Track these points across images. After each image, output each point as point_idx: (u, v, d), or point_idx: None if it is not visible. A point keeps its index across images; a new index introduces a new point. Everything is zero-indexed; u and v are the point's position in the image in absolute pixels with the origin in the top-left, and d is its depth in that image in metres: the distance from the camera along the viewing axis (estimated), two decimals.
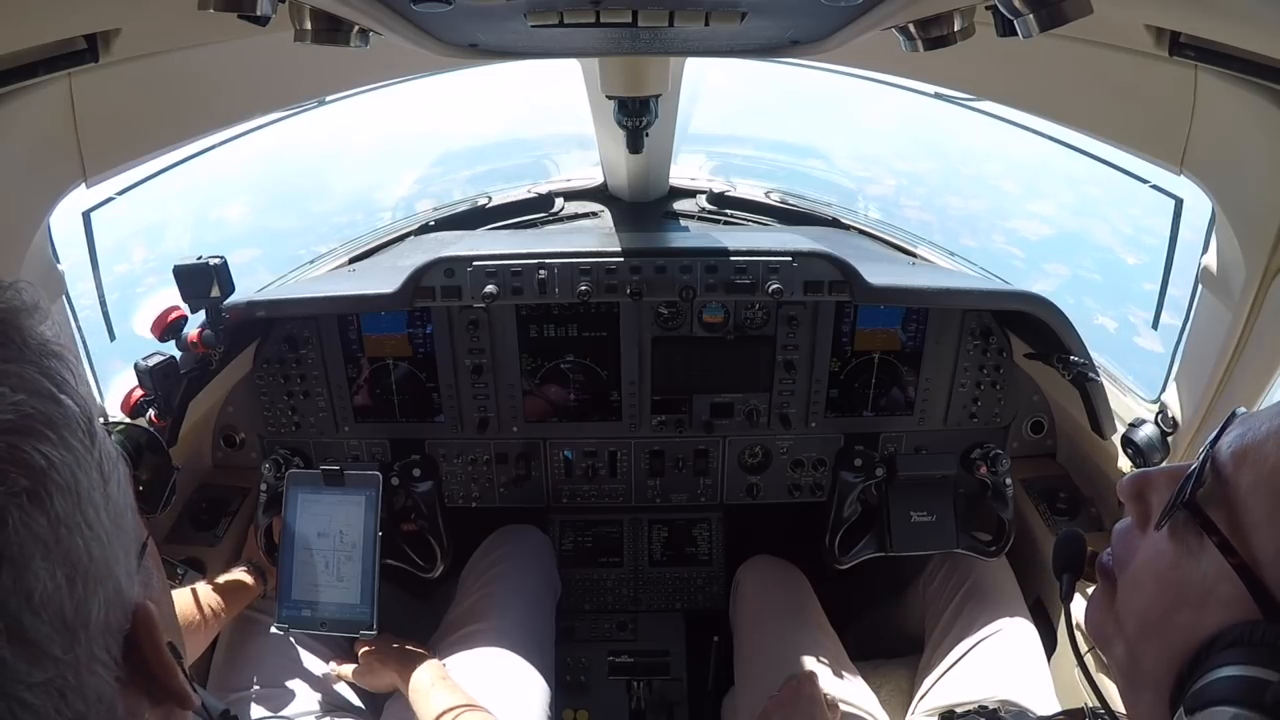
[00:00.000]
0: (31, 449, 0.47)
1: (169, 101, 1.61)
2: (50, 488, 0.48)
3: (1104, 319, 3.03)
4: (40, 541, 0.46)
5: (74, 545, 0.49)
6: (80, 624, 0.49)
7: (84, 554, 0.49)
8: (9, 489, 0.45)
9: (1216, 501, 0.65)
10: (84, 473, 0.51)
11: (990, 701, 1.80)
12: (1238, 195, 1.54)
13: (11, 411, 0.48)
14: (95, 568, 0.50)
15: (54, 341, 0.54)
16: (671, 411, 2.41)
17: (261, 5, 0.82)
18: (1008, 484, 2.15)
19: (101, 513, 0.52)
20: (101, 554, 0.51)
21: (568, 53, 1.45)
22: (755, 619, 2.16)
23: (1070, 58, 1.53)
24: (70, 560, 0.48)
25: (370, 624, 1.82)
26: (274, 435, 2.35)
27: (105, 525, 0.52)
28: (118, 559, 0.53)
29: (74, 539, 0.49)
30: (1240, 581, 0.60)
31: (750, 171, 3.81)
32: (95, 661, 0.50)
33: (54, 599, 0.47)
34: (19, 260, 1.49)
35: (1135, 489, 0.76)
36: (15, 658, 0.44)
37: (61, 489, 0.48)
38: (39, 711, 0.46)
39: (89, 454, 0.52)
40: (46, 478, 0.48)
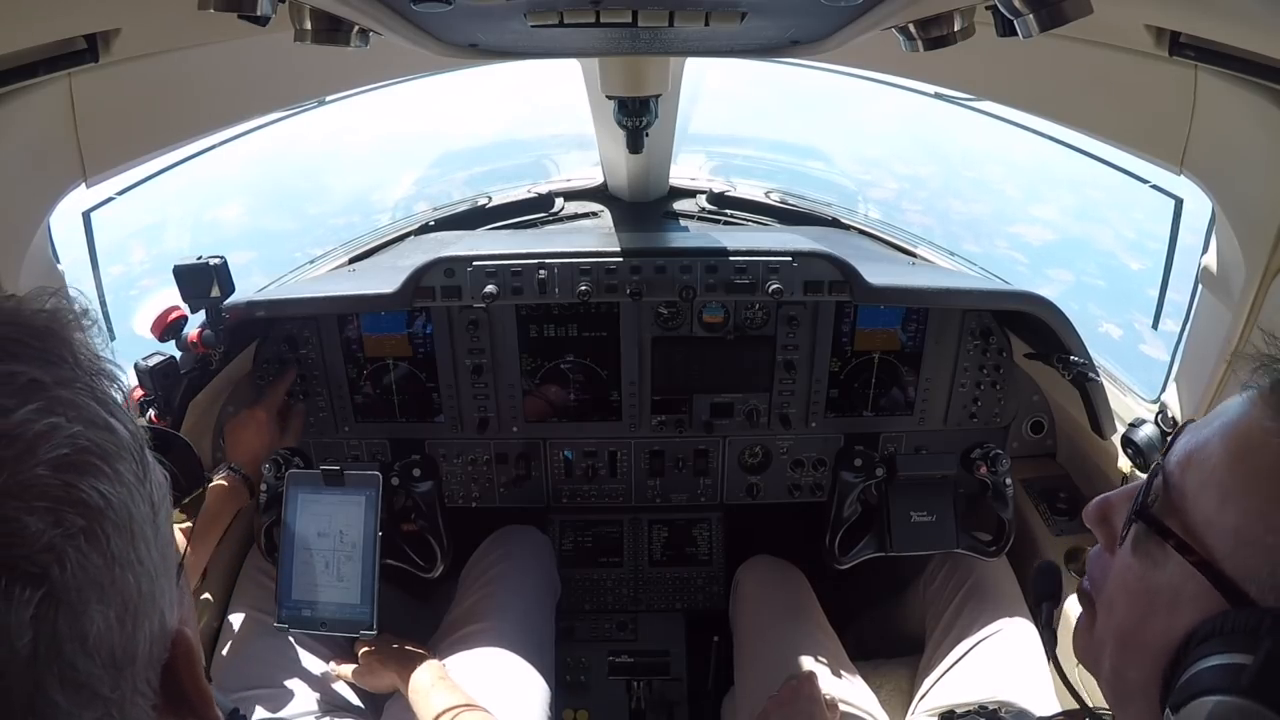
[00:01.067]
0: (89, 488, 0.46)
1: (169, 101, 1.61)
2: (107, 527, 0.47)
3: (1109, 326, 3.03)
4: (96, 584, 0.45)
5: (126, 583, 0.48)
6: (127, 661, 0.48)
7: (135, 591, 0.49)
8: (65, 530, 0.44)
9: (1170, 509, 0.67)
10: (136, 507, 0.50)
11: (990, 702, 1.80)
12: (1238, 195, 1.54)
13: (68, 445, 0.46)
14: (143, 603, 0.49)
15: (103, 356, 0.52)
16: (671, 411, 2.41)
17: (261, 5, 0.82)
18: (1008, 484, 2.14)
19: (152, 547, 0.51)
20: (149, 588, 0.50)
21: (568, 53, 1.45)
22: (755, 619, 2.16)
23: (1070, 58, 1.53)
24: (123, 598, 0.47)
25: (370, 624, 1.81)
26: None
27: (154, 559, 0.51)
28: (163, 591, 0.52)
29: (126, 576, 0.48)
30: (1203, 577, 0.62)
31: (750, 171, 3.81)
32: (137, 694, 0.49)
33: (106, 639, 0.46)
34: (19, 260, 1.49)
35: (1100, 514, 0.79)
36: (69, 701, 0.43)
37: (117, 527, 0.47)
38: None
39: (141, 486, 0.51)
40: (103, 516, 0.46)
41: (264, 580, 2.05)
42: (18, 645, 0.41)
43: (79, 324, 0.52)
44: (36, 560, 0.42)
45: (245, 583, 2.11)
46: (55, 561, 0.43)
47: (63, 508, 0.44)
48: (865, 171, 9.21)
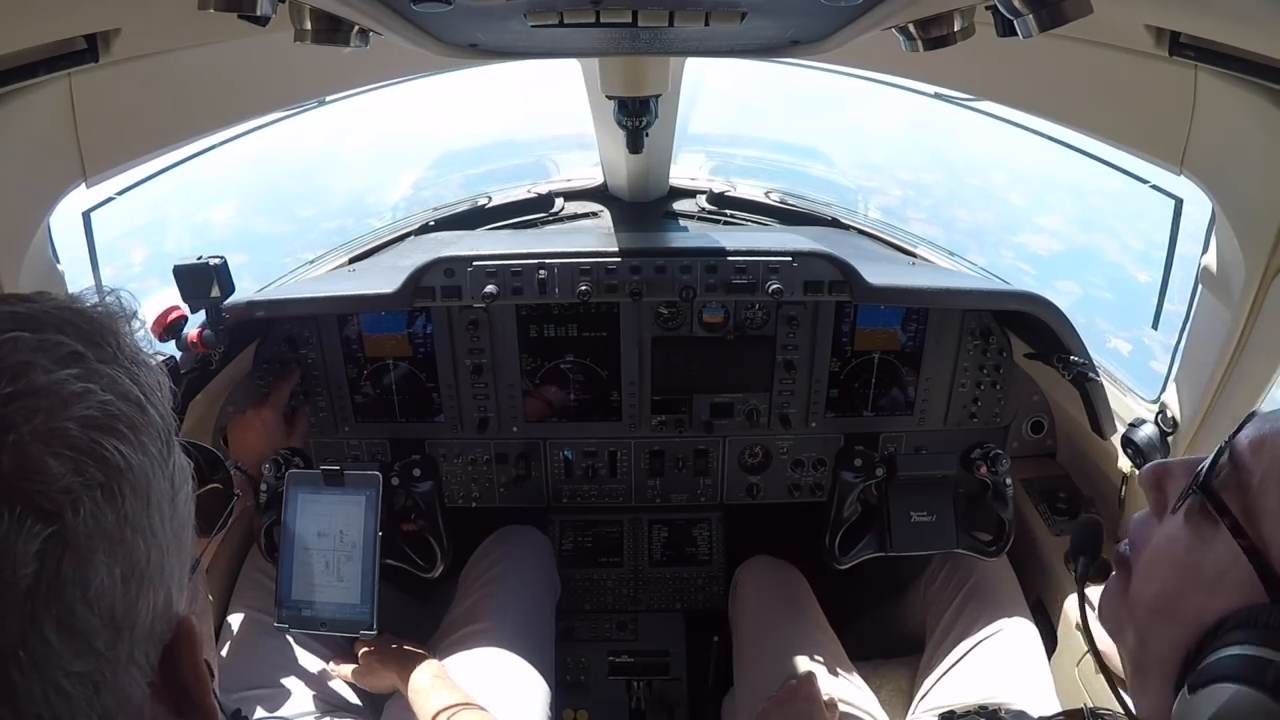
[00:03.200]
0: (112, 447, 0.49)
1: (169, 101, 1.61)
2: (124, 486, 0.49)
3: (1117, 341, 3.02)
4: (106, 536, 0.48)
5: (136, 547, 0.50)
6: (127, 624, 0.49)
7: (143, 557, 0.51)
8: (85, 480, 0.47)
9: (1231, 488, 0.66)
10: (156, 480, 0.52)
11: (990, 702, 1.80)
12: (1238, 195, 1.54)
13: (98, 409, 0.49)
14: (151, 573, 0.51)
15: (145, 352, 0.57)
16: (671, 411, 2.41)
17: (261, 5, 0.82)
18: (1008, 484, 2.14)
19: (167, 521, 0.53)
20: (159, 561, 0.52)
21: (568, 53, 1.44)
22: (754, 619, 2.16)
23: (1070, 58, 1.53)
24: (130, 560, 0.49)
25: (370, 624, 1.81)
26: None
27: (167, 534, 0.53)
28: (172, 570, 0.54)
29: (137, 540, 0.50)
30: (1250, 566, 0.62)
31: (750, 171, 3.81)
32: (133, 664, 0.51)
33: (108, 594, 0.48)
34: (19, 260, 1.49)
35: (1154, 478, 0.77)
36: (61, 645, 0.45)
37: (134, 489, 0.50)
38: (72, 700, 0.46)
39: (164, 463, 0.54)
40: (122, 476, 0.49)
41: (264, 580, 2.05)
42: (20, 573, 0.43)
43: (128, 320, 0.57)
44: (52, 499, 0.45)
45: (245, 583, 2.11)
46: (69, 505, 0.45)
47: (85, 459, 0.47)
48: (868, 178, 9.20)
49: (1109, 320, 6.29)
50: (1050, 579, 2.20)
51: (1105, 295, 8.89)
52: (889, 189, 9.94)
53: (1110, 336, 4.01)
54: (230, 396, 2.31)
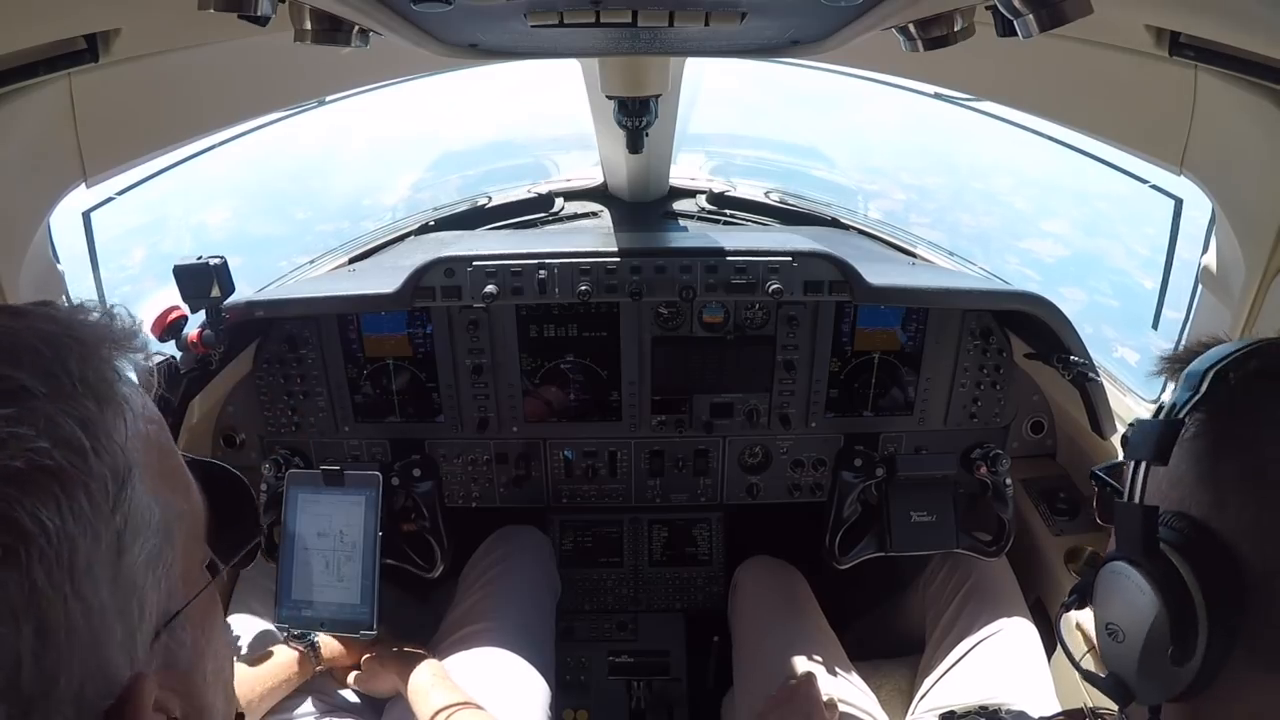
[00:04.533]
0: (23, 510, 0.44)
1: (169, 101, 1.61)
2: (32, 552, 0.44)
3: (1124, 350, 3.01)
4: (5, 601, 0.43)
5: (51, 613, 0.45)
6: (39, 692, 0.45)
7: (62, 623, 0.46)
8: None
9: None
10: (86, 541, 0.47)
11: (990, 702, 1.80)
12: (1238, 195, 1.54)
13: (23, 459, 0.45)
14: (75, 638, 0.47)
15: (121, 380, 0.51)
16: (671, 411, 2.41)
17: (261, 5, 0.82)
18: (1008, 484, 2.15)
19: (100, 585, 0.48)
20: (88, 625, 0.47)
21: (568, 53, 1.44)
22: (753, 619, 2.16)
23: (1070, 58, 1.53)
24: (42, 627, 0.45)
25: (370, 624, 1.81)
26: (274, 435, 2.35)
27: (102, 598, 0.48)
28: (111, 633, 0.49)
29: (53, 607, 0.45)
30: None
31: (750, 171, 3.81)
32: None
33: (6, 661, 0.43)
34: (19, 260, 1.49)
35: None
36: None
37: (46, 557, 0.45)
38: None
39: (103, 522, 0.49)
40: (31, 542, 0.44)
41: (264, 581, 2.05)
42: None
43: (117, 344, 0.52)
44: None
45: (245, 583, 2.11)
46: None
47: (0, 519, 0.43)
48: (871, 181, 9.17)
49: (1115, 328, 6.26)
50: (1050, 579, 2.20)
51: (1111, 302, 8.86)
52: (892, 193, 9.92)
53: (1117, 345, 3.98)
54: (230, 396, 2.31)
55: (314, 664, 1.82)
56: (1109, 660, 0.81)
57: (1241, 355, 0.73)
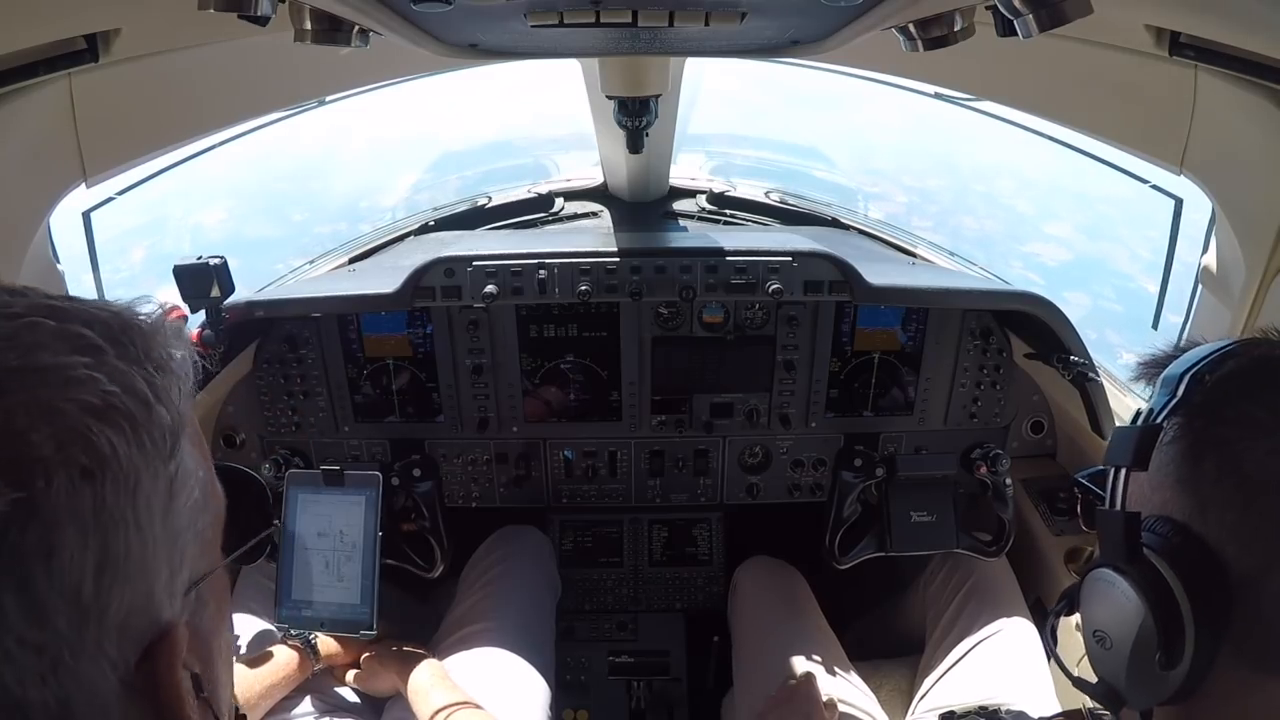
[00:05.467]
0: (103, 435, 0.49)
1: (169, 101, 1.61)
2: (107, 474, 0.49)
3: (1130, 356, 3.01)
4: (79, 517, 0.48)
5: (114, 536, 0.50)
6: (95, 610, 0.49)
7: (122, 548, 0.50)
8: (65, 458, 0.47)
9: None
10: (149, 477, 0.52)
11: (990, 702, 1.80)
12: (1238, 195, 1.54)
13: (99, 397, 0.50)
14: (129, 566, 0.51)
15: (178, 361, 0.57)
16: (671, 411, 2.41)
17: (261, 5, 0.82)
18: (1008, 484, 2.15)
19: (155, 521, 0.53)
20: (141, 556, 0.52)
21: (568, 53, 1.44)
22: (753, 620, 2.16)
23: (1070, 58, 1.53)
24: (105, 548, 0.49)
25: (370, 624, 1.81)
26: (274, 435, 2.35)
27: (155, 533, 0.53)
28: (158, 571, 0.53)
29: (116, 530, 0.50)
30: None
31: (750, 171, 3.81)
32: (101, 655, 0.50)
33: (74, 573, 0.47)
34: (19, 260, 1.49)
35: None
36: (15, 608, 0.45)
37: (116, 480, 0.50)
38: (22, 669, 0.46)
39: (162, 464, 0.53)
40: (106, 465, 0.49)
41: (264, 581, 2.04)
42: None
43: (168, 334, 0.58)
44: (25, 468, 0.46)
45: (245, 583, 2.11)
46: (42, 477, 0.46)
47: (71, 440, 0.48)
48: (873, 183, 9.17)
49: (1120, 333, 6.25)
50: (1050, 579, 2.20)
51: (1115, 307, 8.85)
52: (894, 195, 9.92)
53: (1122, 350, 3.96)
54: (230, 396, 2.31)
55: (313, 663, 1.82)
56: (1098, 667, 0.82)
57: (1217, 357, 0.73)
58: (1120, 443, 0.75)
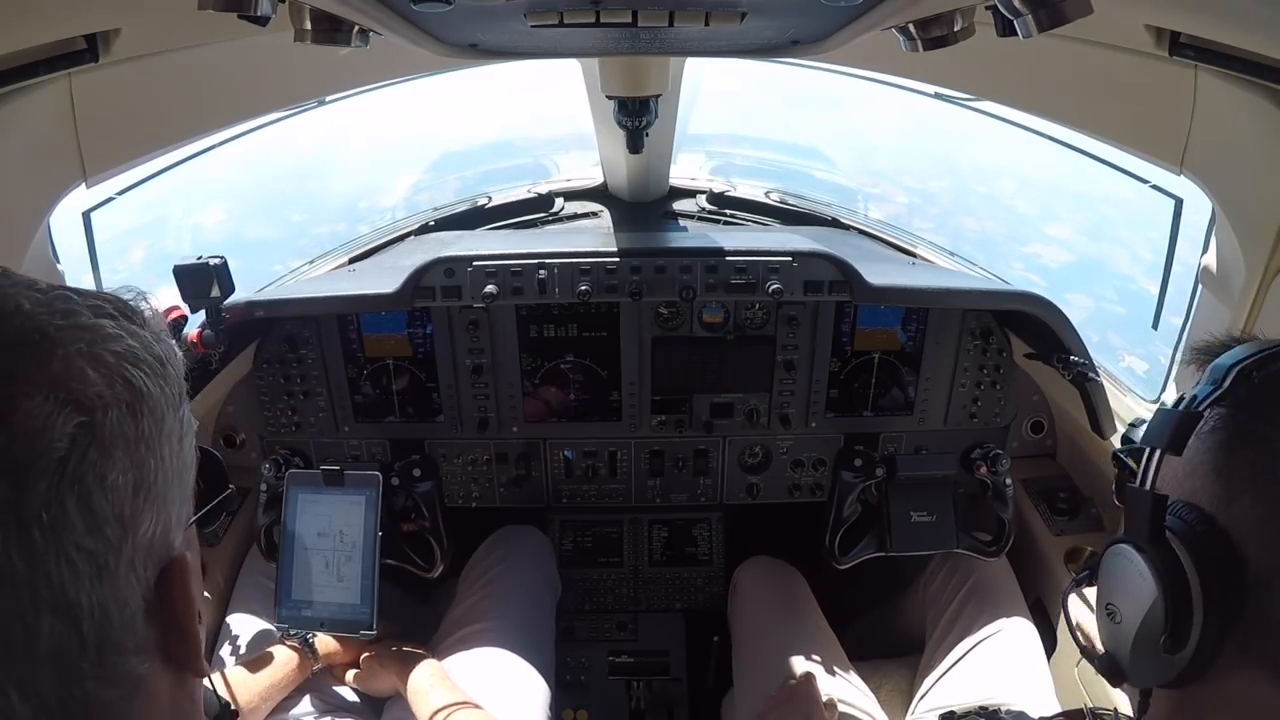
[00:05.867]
0: (140, 377, 0.58)
1: (169, 101, 1.61)
2: (144, 409, 0.58)
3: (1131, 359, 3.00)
4: (126, 443, 0.56)
5: (146, 463, 0.58)
6: (132, 526, 0.56)
7: (151, 474, 0.58)
8: (115, 394, 0.56)
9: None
10: (169, 414, 0.61)
11: (990, 702, 1.80)
12: (1238, 195, 1.54)
13: (129, 349, 0.59)
14: (155, 491, 0.58)
15: (166, 343, 0.65)
16: (671, 411, 2.41)
17: (261, 5, 0.82)
18: (1008, 484, 2.15)
19: (174, 454, 0.61)
20: (164, 484, 0.59)
21: (568, 53, 1.44)
22: (753, 620, 2.16)
23: (1070, 58, 1.53)
24: (140, 472, 0.57)
25: (370, 624, 1.81)
26: (274, 435, 2.35)
27: (173, 464, 0.61)
28: (173, 500, 0.61)
29: (148, 458, 0.58)
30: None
31: (750, 171, 3.81)
32: (132, 571, 0.57)
33: (120, 492, 0.55)
34: (19, 260, 1.49)
35: None
36: (78, 519, 0.52)
37: (152, 415, 0.59)
38: (78, 575, 0.52)
39: (176, 408, 0.62)
40: (144, 401, 0.58)
41: (264, 581, 2.05)
42: (55, 447, 0.51)
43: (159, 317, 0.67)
44: (88, 398, 0.54)
45: (245, 583, 2.11)
46: (100, 408, 0.54)
47: (116, 379, 0.57)
48: (874, 184, 9.16)
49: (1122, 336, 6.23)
50: (1050, 579, 2.20)
51: (1117, 309, 8.80)
52: (895, 196, 9.89)
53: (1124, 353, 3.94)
54: (230, 396, 2.31)
55: (312, 663, 1.82)
56: (1105, 640, 0.83)
57: (1268, 355, 0.73)
58: (1159, 424, 0.76)
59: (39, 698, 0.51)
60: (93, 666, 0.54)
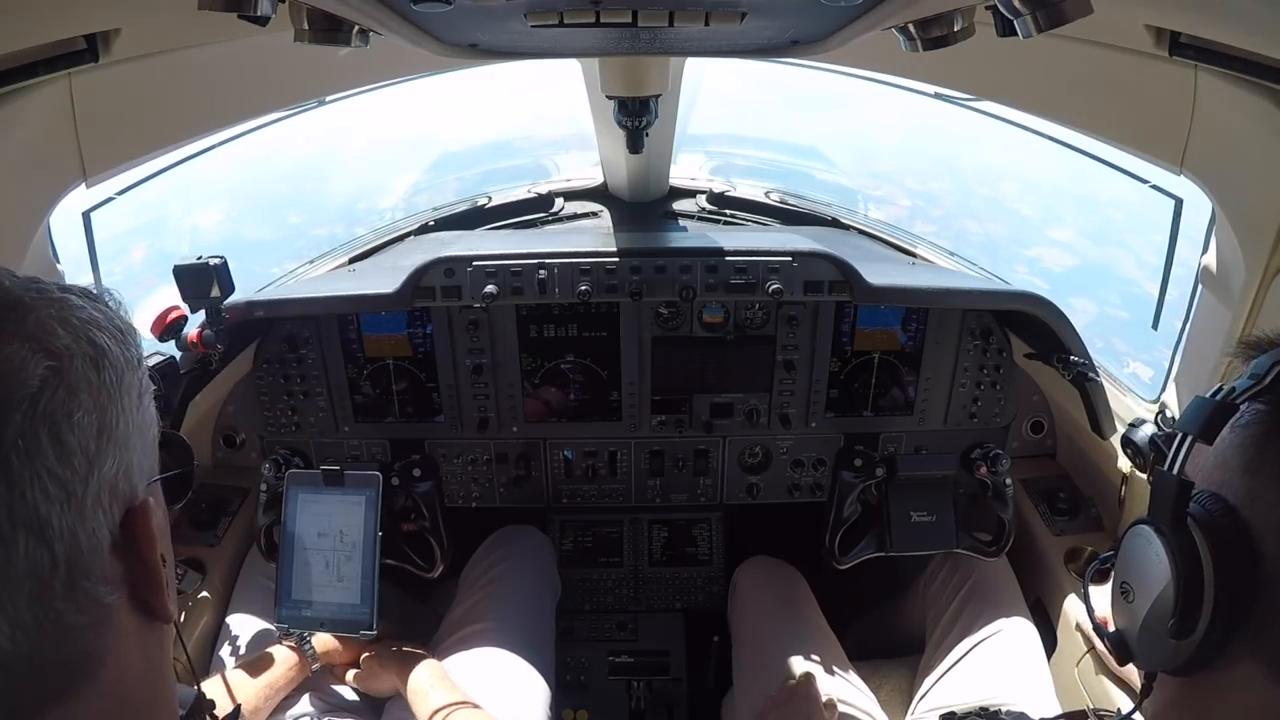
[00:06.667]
0: (100, 337, 0.66)
1: (169, 101, 1.61)
2: (105, 364, 0.65)
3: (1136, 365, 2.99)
4: (90, 389, 0.63)
5: (107, 409, 0.64)
6: (96, 463, 0.62)
7: (112, 420, 0.64)
8: (79, 349, 0.63)
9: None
10: (129, 374, 0.68)
11: (990, 702, 1.80)
12: (1238, 195, 1.54)
13: (93, 320, 0.67)
14: (117, 435, 0.65)
15: (125, 320, 0.72)
16: (671, 411, 2.41)
17: (261, 5, 0.82)
18: (1008, 484, 2.15)
19: (134, 407, 0.68)
20: (125, 431, 0.66)
21: (568, 53, 1.44)
22: (752, 620, 2.16)
23: (1070, 58, 1.53)
24: (102, 416, 0.63)
25: (370, 624, 1.81)
26: (274, 435, 2.35)
27: (133, 416, 0.67)
28: (134, 446, 0.67)
29: (109, 406, 0.64)
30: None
31: (750, 172, 3.81)
32: (98, 504, 0.62)
33: (85, 431, 0.61)
34: (19, 260, 1.49)
35: None
36: (49, 448, 0.58)
37: (112, 368, 0.66)
38: (50, 497, 0.58)
39: (133, 370, 0.69)
40: (105, 357, 0.65)
41: (264, 581, 2.05)
42: (29, 384, 0.58)
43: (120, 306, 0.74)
44: (56, 349, 0.62)
45: (245, 583, 2.11)
46: (67, 357, 0.62)
47: (81, 337, 0.64)
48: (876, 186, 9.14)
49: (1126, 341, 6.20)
50: (1050, 579, 2.20)
51: (1121, 314, 8.77)
52: (898, 199, 9.88)
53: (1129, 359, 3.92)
54: (230, 396, 2.31)
55: (310, 662, 1.82)
56: (1117, 617, 0.84)
57: None
58: (1194, 411, 0.76)
59: (15, 613, 0.56)
60: (64, 588, 0.59)
